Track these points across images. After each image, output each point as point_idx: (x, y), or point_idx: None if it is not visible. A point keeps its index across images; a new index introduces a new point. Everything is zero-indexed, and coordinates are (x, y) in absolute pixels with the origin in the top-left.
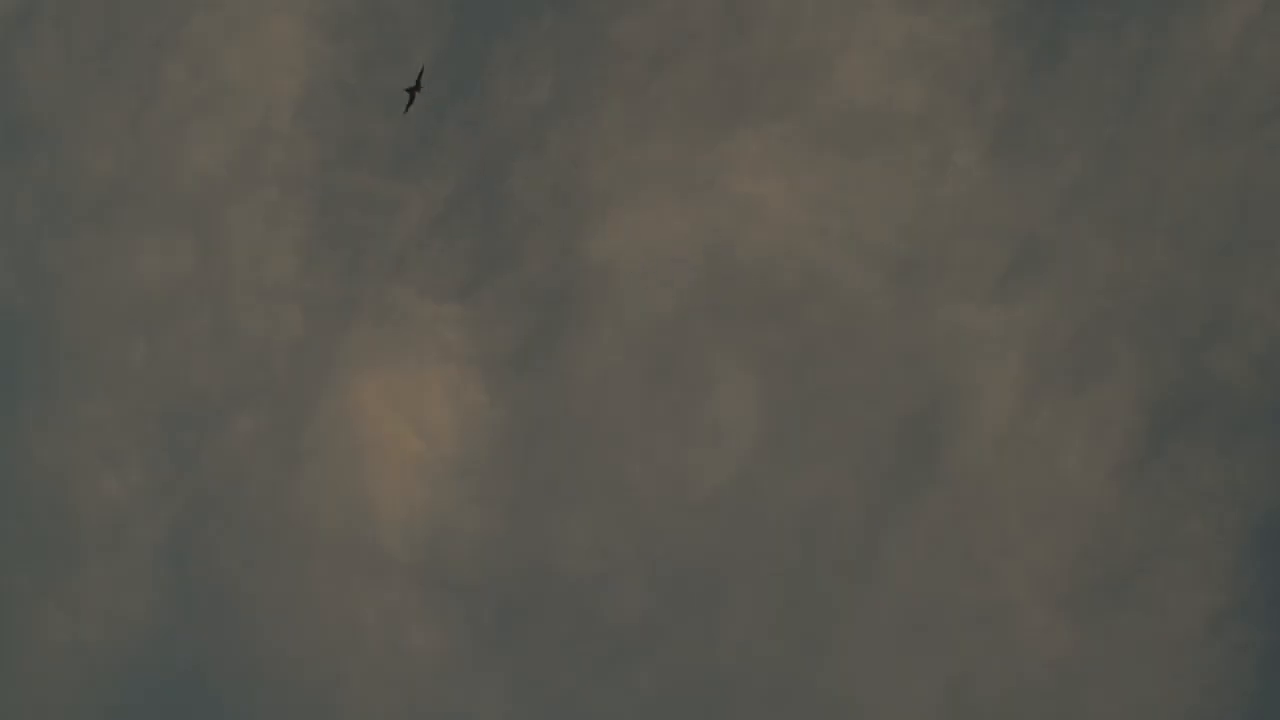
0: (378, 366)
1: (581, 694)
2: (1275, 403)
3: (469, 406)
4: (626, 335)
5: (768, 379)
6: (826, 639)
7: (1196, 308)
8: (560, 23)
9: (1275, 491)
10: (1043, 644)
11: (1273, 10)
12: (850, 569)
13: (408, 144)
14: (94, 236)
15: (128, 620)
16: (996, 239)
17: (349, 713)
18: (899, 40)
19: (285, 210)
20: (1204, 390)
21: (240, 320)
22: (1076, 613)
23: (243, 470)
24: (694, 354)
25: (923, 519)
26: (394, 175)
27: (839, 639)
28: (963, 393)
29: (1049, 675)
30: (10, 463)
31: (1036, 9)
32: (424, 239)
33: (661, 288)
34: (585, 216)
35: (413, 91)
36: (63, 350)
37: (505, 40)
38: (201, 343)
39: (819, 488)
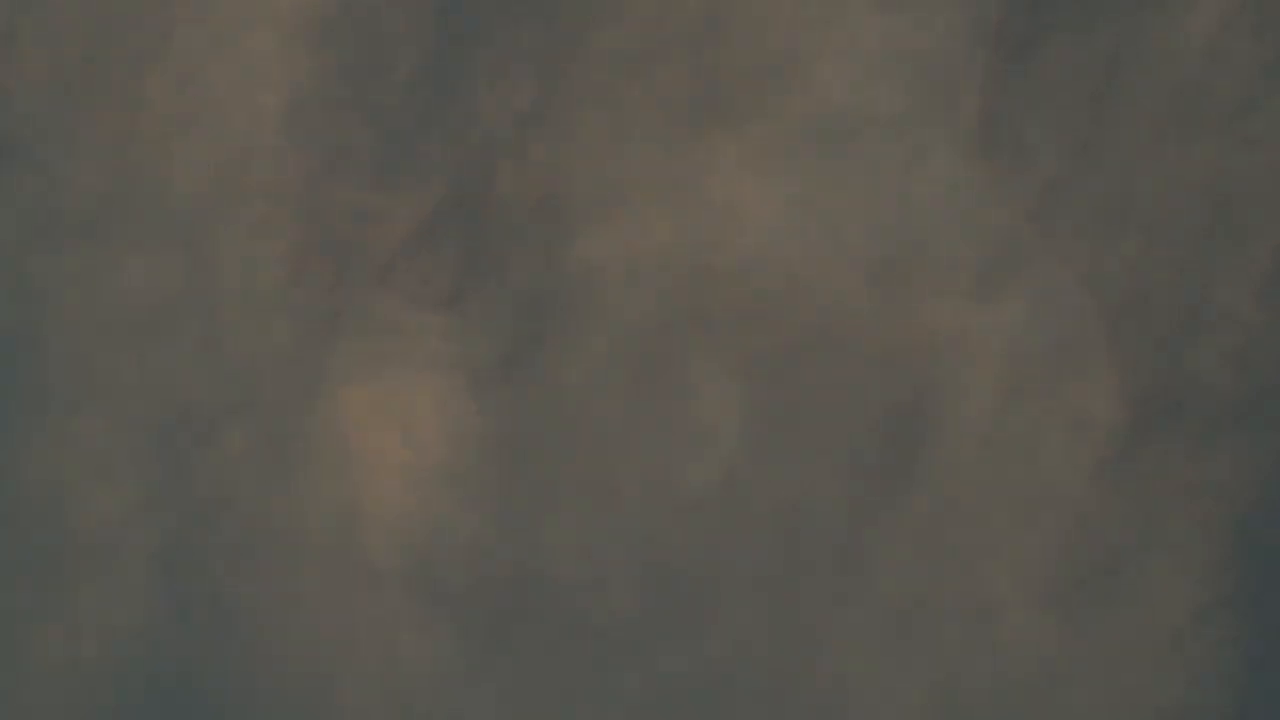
0: (365, 376)
1: (572, 696)
2: (1254, 399)
3: (456, 415)
4: (611, 341)
5: (751, 381)
6: (813, 639)
7: (1174, 305)
8: (540, 30)
9: (1256, 486)
10: (1028, 641)
11: (1246, 7)
12: (835, 569)
13: (392, 154)
14: (82, 251)
15: (123, 633)
16: (974, 238)
17: None
18: (875, 41)
19: (272, 223)
20: (1183, 386)
21: (229, 333)
22: (1061, 609)
23: (234, 481)
24: (678, 358)
25: (907, 518)
26: (379, 185)
27: (825, 639)
28: (943, 392)
29: (1035, 671)
30: (2, 478)
31: (1010, 8)
32: (409, 249)
33: (645, 292)
34: (569, 223)
35: None
36: (53, 365)
37: (486, 49)
38: (191, 356)
39: (803, 488)
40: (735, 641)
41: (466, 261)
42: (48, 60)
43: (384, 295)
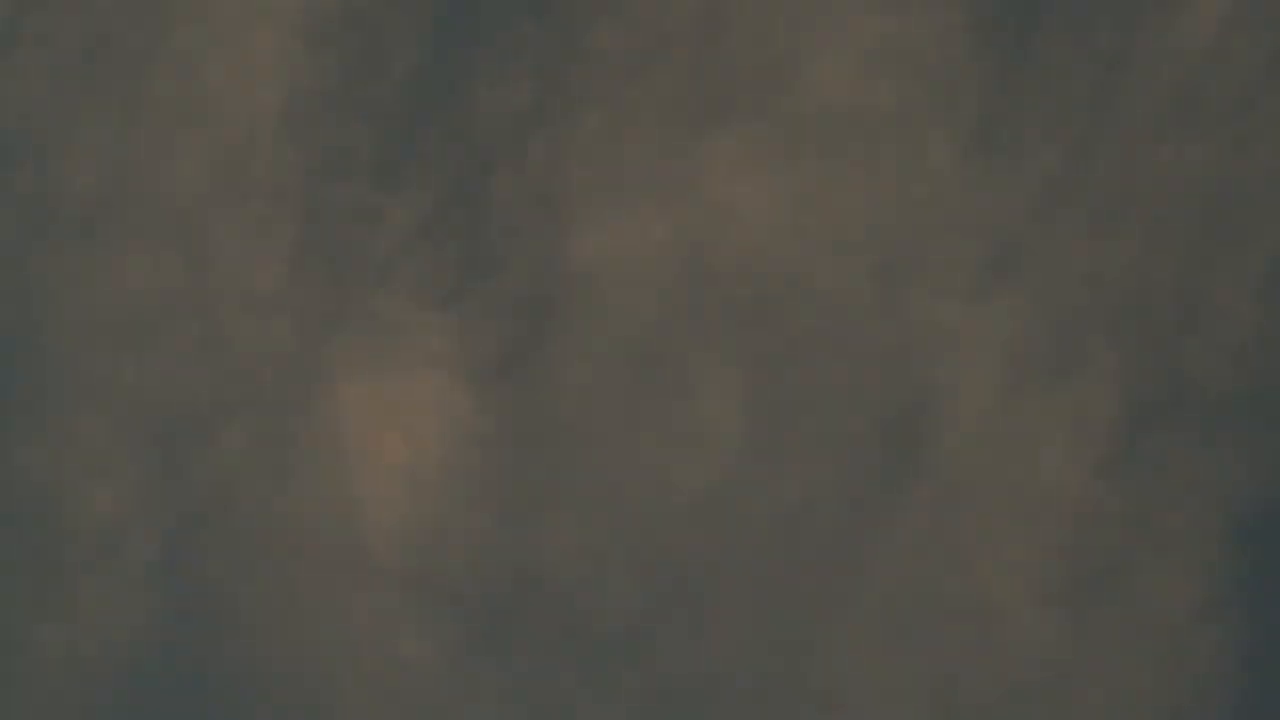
0: (365, 375)
1: (571, 697)
2: (1252, 398)
3: (456, 413)
4: (611, 339)
5: (750, 380)
6: (812, 638)
7: (1172, 304)
8: (539, 31)
9: (1255, 485)
10: (1027, 640)
11: (1245, 7)
12: (835, 568)
13: (391, 153)
14: (80, 250)
15: (122, 632)
16: (973, 237)
17: (342, 719)
18: (873, 40)
19: (272, 222)
20: (1182, 386)
21: (229, 332)
22: (1061, 608)
23: (234, 481)
24: (677, 356)
25: (906, 517)
26: (378, 185)
27: (825, 638)
28: (943, 390)
29: (1034, 670)
30: (2, 478)
31: (1007, 7)
32: (409, 247)
33: (644, 291)
34: (568, 222)
35: None
36: (51, 365)
37: (485, 49)
38: (191, 355)
39: (803, 488)
40: (734, 642)
41: (466, 261)
42: (48, 60)
43: (384, 294)
